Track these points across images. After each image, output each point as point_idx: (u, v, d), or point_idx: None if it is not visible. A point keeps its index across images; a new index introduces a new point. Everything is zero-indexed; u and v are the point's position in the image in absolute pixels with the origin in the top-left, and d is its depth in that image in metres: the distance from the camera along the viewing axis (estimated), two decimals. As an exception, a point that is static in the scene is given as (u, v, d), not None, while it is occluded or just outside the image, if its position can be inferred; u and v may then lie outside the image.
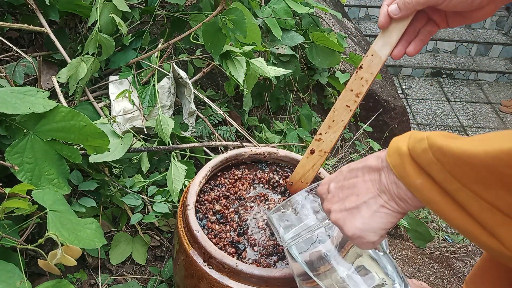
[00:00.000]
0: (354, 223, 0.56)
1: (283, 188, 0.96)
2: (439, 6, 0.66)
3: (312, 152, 0.80)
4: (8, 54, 1.27)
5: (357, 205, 0.56)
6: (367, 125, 1.98)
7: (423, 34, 0.72)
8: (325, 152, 0.79)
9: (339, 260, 0.64)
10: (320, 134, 0.78)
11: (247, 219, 0.88)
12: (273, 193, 0.95)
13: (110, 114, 1.25)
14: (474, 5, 0.65)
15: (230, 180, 0.96)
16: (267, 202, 0.92)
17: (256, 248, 0.83)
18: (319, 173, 0.98)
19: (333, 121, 0.75)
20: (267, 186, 0.96)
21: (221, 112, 1.38)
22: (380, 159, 0.55)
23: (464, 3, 0.64)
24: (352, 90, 0.72)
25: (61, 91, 1.20)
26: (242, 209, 0.90)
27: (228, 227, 0.86)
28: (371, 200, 0.55)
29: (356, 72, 0.71)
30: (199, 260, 0.78)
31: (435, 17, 0.71)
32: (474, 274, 0.91)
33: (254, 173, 0.99)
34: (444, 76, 4.48)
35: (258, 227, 0.87)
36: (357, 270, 0.64)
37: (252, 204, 0.91)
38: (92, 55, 1.22)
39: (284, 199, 0.93)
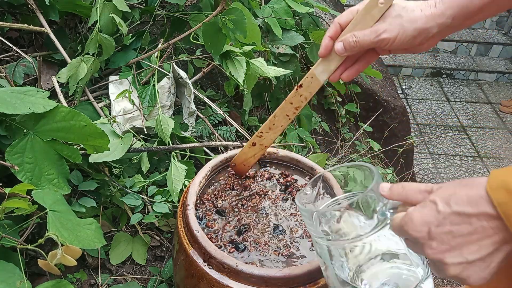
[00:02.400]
0: (480, 275, 0.52)
1: (283, 186, 0.96)
2: (382, 48, 0.72)
3: (254, 144, 0.90)
4: (8, 54, 1.27)
5: (481, 256, 0.51)
6: (367, 125, 1.98)
7: (361, 63, 0.78)
8: (265, 146, 0.91)
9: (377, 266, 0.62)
10: (261, 132, 0.89)
11: (247, 218, 0.88)
12: (273, 190, 0.95)
13: (110, 114, 1.25)
14: (415, 44, 0.71)
15: (230, 180, 0.96)
16: (267, 199, 0.92)
17: (256, 248, 0.83)
18: (319, 173, 0.97)
19: (273, 124, 0.85)
20: (267, 184, 0.96)
21: (221, 112, 1.38)
22: (493, 203, 0.50)
23: (405, 44, 0.71)
24: (292, 103, 0.81)
25: (61, 91, 1.20)
26: (242, 209, 0.90)
27: (228, 227, 0.86)
28: (496, 251, 0.51)
29: (296, 89, 0.79)
30: (199, 260, 0.78)
31: (376, 48, 0.75)
32: None
33: (254, 171, 0.99)
34: (444, 76, 4.48)
35: (259, 226, 0.87)
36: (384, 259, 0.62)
37: (252, 203, 0.91)
38: (92, 55, 1.22)
39: (283, 195, 0.93)
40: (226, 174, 0.98)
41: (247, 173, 0.97)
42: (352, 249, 0.62)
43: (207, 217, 0.88)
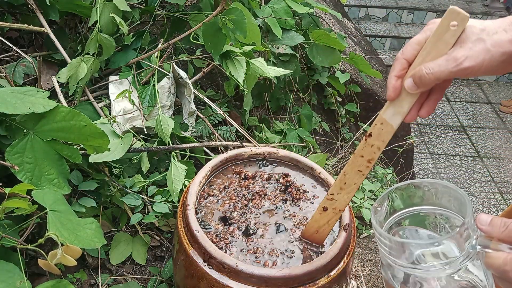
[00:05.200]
0: None
1: (283, 186, 0.96)
2: (461, 77, 0.61)
3: (325, 209, 0.79)
4: (8, 54, 1.27)
5: None
6: (367, 125, 1.98)
7: (437, 92, 0.65)
8: (339, 210, 0.78)
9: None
10: (332, 194, 0.77)
11: (248, 218, 0.88)
12: (273, 191, 0.95)
13: (110, 114, 1.25)
14: (499, 70, 0.60)
15: (230, 180, 0.96)
16: (266, 200, 0.92)
17: (256, 248, 0.83)
18: (326, 179, 0.97)
19: (345, 183, 0.74)
20: (267, 184, 0.96)
21: (221, 112, 1.38)
22: None
23: (490, 72, 0.60)
24: (363, 156, 0.71)
25: (61, 91, 1.20)
26: (242, 208, 0.90)
27: (228, 227, 0.86)
28: None
29: (366, 140, 0.69)
30: (199, 260, 0.79)
31: None
32: None
33: (254, 171, 0.99)
34: (444, 76, 4.47)
35: (259, 225, 0.87)
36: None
37: (253, 204, 0.91)
38: (92, 55, 1.22)
39: (283, 196, 0.93)
40: (226, 174, 0.98)
41: (247, 173, 0.97)
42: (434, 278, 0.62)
43: (207, 217, 0.88)
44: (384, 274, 0.69)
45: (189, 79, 1.32)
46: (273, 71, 1.31)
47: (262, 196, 0.93)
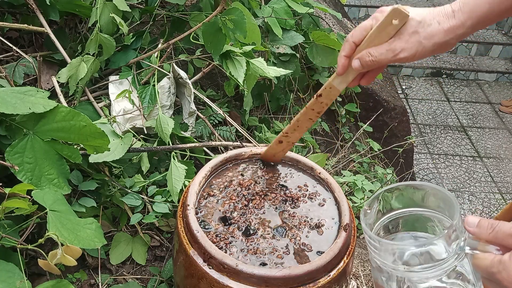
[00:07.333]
0: None
1: (283, 187, 0.96)
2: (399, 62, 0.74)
3: (281, 142, 0.95)
4: (8, 54, 1.27)
5: None
6: (367, 125, 1.98)
7: (377, 68, 0.78)
8: (292, 142, 0.95)
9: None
10: (287, 133, 0.93)
11: (248, 218, 0.88)
12: (273, 191, 0.95)
13: (110, 114, 1.25)
14: (432, 54, 0.72)
15: (230, 180, 0.96)
16: (267, 200, 0.92)
17: (257, 248, 0.83)
18: (326, 179, 0.97)
19: (298, 126, 0.91)
20: (267, 185, 0.96)
21: (221, 112, 1.38)
22: None
23: (423, 58, 0.72)
24: (313, 109, 0.86)
25: (61, 91, 1.20)
26: (242, 208, 0.90)
27: (228, 227, 0.86)
28: None
29: (316, 99, 0.84)
30: (199, 260, 0.79)
31: None
32: None
33: (254, 171, 0.99)
34: (444, 76, 4.48)
35: (259, 225, 0.87)
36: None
37: (253, 204, 0.91)
38: (92, 55, 1.22)
39: (283, 196, 0.93)
40: (226, 174, 0.98)
41: (247, 172, 0.97)
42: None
43: (207, 217, 0.88)
44: (374, 276, 0.70)
45: (189, 79, 1.32)
46: (273, 71, 1.31)
47: (262, 196, 0.93)
